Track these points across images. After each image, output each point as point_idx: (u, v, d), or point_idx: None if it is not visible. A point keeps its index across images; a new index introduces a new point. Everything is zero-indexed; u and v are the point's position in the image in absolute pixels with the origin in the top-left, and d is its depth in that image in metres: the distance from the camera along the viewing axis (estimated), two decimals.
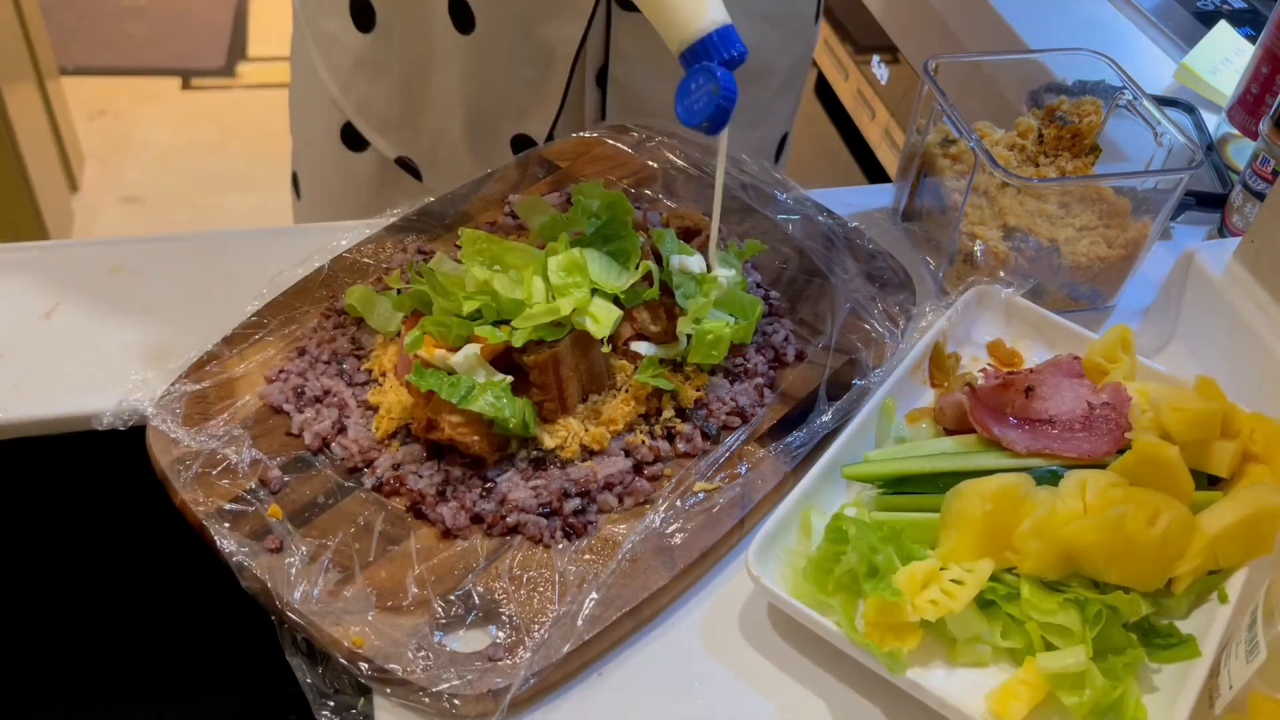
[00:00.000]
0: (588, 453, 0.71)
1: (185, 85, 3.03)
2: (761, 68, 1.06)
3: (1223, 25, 1.24)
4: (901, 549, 0.65)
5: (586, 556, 0.66)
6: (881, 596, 0.62)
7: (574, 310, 0.71)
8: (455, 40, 0.96)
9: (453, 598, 0.64)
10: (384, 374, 0.75)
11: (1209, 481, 0.69)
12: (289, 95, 1.15)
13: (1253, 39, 1.23)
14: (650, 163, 0.95)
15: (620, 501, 0.69)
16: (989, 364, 0.81)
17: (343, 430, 0.71)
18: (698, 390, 0.75)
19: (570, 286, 0.72)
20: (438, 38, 0.97)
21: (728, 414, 0.75)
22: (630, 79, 1.00)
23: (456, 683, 0.60)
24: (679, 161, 0.95)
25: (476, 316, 0.71)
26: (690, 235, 0.81)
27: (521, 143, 1.02)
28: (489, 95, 1.00)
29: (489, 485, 0.69)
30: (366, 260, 0.84)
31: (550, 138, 1.02)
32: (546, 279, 0.73)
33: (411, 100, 1.03)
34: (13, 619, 0.89)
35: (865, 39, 2.02)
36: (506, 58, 0.97)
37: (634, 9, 0.94)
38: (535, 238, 0.80)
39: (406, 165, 1.08)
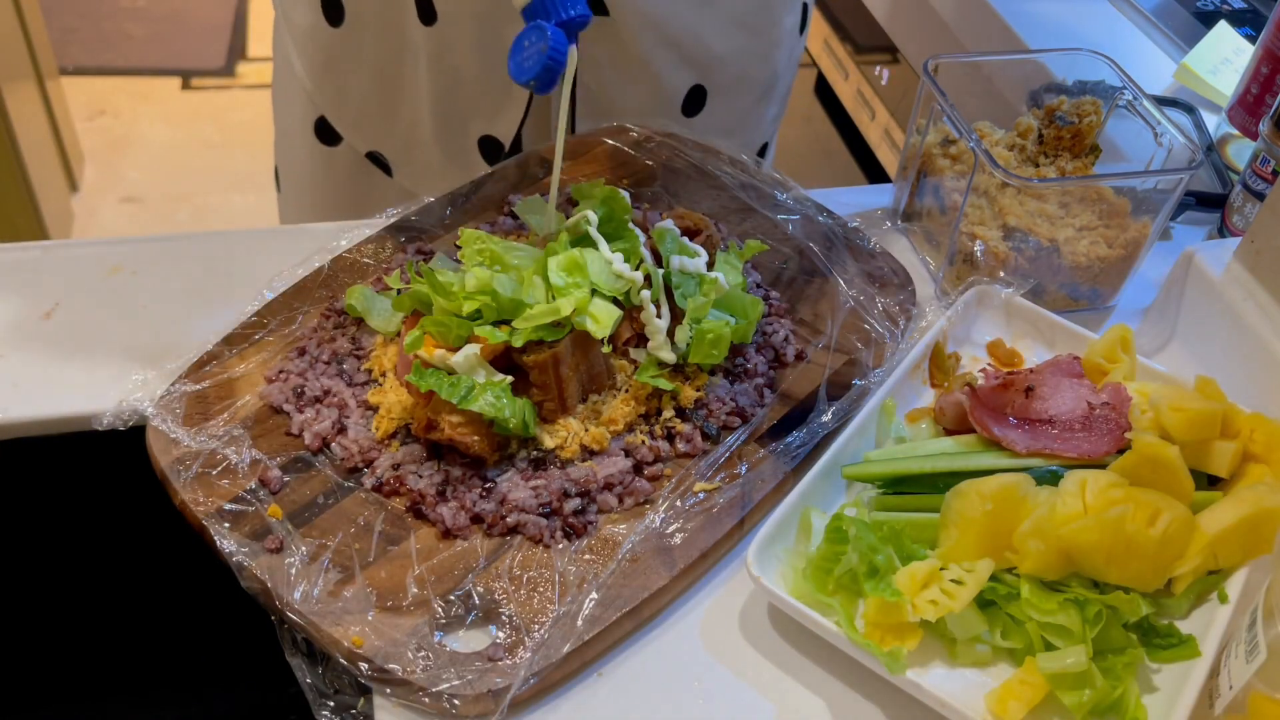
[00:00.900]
0: (588, 453, 0.71)
1: (185, 85, 3.03)
2: (737, 75, 1.05)
3: (1223, 25, 1.24)
4: (901, 549, 0.65)
5: (586, 556, 0.66)
6: (881, 596, 0.62)
7: (574, 310, 0.71)
8: (422, 33, 0.96)
9: (453, 598, 0.64)
10: (384, 374, 0.75)
11: (1209, 481, 0.69)
12: (271, 88, 1.15)
13: (1253, 39, 1.23)
14: (650, 163, 0.95)
15: (620, 501, 0.69)
16: (989, 364, 0.81)
17: (343, 430, 0.71)
18: (698, 390, 0.75)
19: (570, 287, 0.72)
20: (406, 32, 0.97)
21: (728, 414, 0.75)
22: (598, 84, 0.99)
23: (456, 683, 0.60)
24: (679, 162, 0.95)
25: (476, 316, 0.71)
26: (691, 235, 0.81)
27: (488, 144, 1.02)
28: (455, 93, 1.00)
29: (489, 485, 0.69)
30: (366, 260, 0.84)
31: (517, 139, 1.01)
32: (546, 279, 0.73)
33: (382, 96, 1.03)
34: (13, 619, 0.89)
35: (865, 39, 2.02)
36: (471, 55, 0.96)
37: (603, 11, 0.94)
38: (535, 238, 0.80)
39: (377, 160, 1.08)
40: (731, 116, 1.07)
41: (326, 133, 1.08)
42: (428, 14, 0.94)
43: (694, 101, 1.04)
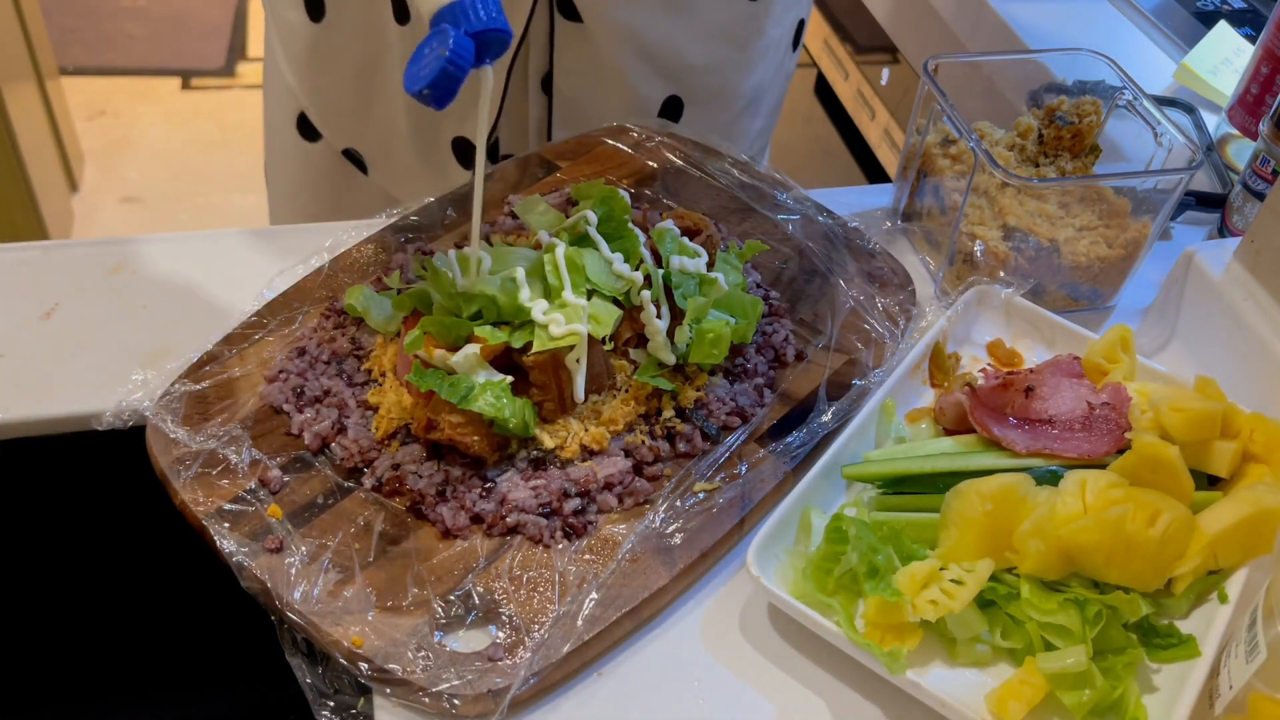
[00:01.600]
0: (588, 453, 0.71)
1: (185, 85, 3.03)
2: (716, 87, 1.04)
3: (1223, 25, 1.24)
4: (901, 549, 0.65)
5: (586, 556, 0.66)
6: (881, 596, 0.62)
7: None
8: (396, 32, 0.96)
9: (453, 598, 0.64)
10: (384, 374, 0.75)
11: (1209, 481, 0.69)
12: (262, 83, 1.16)
13: (1253, 39, 1.23)
14: (650, 163, 0.95)
15: (620, 501, 0.69)
16: (989, 364, 0.81)
17: (342, 430, 0.71)
18: (698, 390, 0.75)
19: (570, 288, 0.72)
20: (383, 30, 0.97)
21: (728, 414, 0.75)
22: (574, 90, 0.99)
23: (456, 683, 0.60)
24: (679, 162, 0.95)
25: (477, 317, 0.71)
26: (691, 235, 0.81)
27: (461, 145, 1.02)
28: None
29: (489, 485, 0.69)
30: (366, 260, 0.84)
31: (492, 142, 1.01)
32: (544, 280, 0.73)
33: (360, 93, 1.03)
34: (13, 619, 0.89)
35: (865, 39, 2.02)
36: None
37: (577, 18, 0.94)
38: (535, 238, 0.80)
39: (353, 158, 1.08)
40: (712, 129, 1.06)
41: (307, 128, 1.09)
42: (401, 13, 0.94)
43: (670, 112, 1.03)
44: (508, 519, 0.67)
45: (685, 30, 0.98)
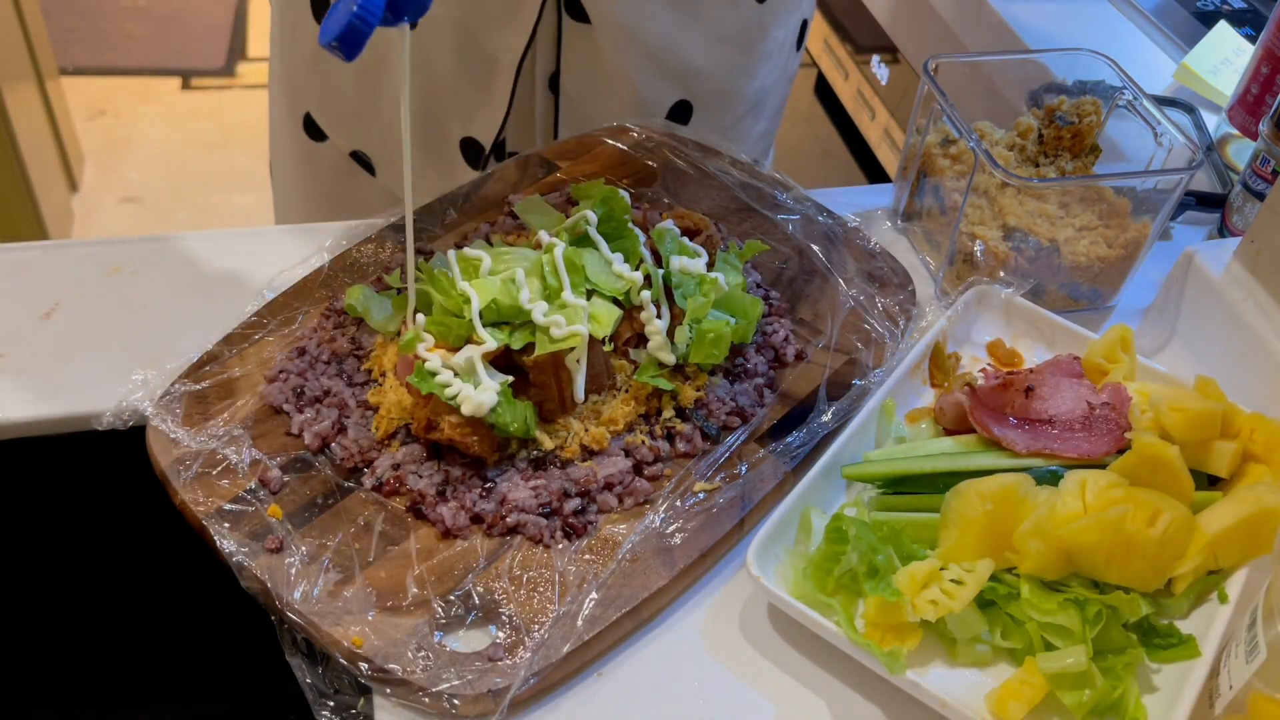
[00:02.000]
0: (588, 453, 0.71)
1: (185, 85, 3.03)
2: (719, 90, 1.04)
3: (1223, 25, 1.24)
4: (901, 549, 0.65)
5: (586, 556, 0.66)
6: (881, 596, 0.62)
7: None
8: (397, 31, 0.96)
9: (453, 598, 0.64)
10: (384, 374, 0.75)
11: (1209, 481, 0.69)
12: (268, 83, 1.16)
13: (1253, 39, 1.23)
14: (650, 163, 0.95)
15: (620, 501, 0.69)
16: (989, 364, 0.81)
17: (342, 430, 0.71)
18: (698, 390, 0.75)
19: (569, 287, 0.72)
20: (387, 33, 0.97)
21: (728, 414, 0.75)
22: (579, 91, 0.99)
23: (456, 683, 0.60)
24: (679, 162, 0.95)
25: None
26: (691, 235, 0.81)
27: (469, 146, 1.02)
28: (434, 96, 0.99)
29: (489, 485, 0.69)
30: (366, 260, 0.84)
31: (500, 142, 1.01)
32: (544, 280, 0.73)
33: (365, 95, 1.03)
34: (13, 619, 0.89)
35: (865, 39, 2.02)
36: (450, 59, 0.96)
37: (584, 19, 0.94)
38: (535, 238, 0.80)
39: (360, 159, 1.08)
40: (714, 132, 1.06)
41: (314, 128, 1.09)
42: None
43: (679, 116, 1.03)
44: (508, 519, 0.67)
45: (691, 33, 0.98)
